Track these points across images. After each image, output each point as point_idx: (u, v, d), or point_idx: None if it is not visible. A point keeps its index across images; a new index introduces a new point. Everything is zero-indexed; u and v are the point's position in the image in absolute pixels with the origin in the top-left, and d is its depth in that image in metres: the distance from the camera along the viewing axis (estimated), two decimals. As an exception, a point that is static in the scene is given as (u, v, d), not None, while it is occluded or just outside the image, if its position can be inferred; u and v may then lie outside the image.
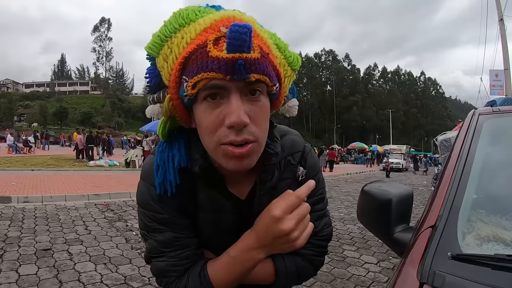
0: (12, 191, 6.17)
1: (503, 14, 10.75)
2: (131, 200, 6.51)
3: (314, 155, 0.73)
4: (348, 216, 6.02)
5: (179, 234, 0.63)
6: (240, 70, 0.47)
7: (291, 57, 0.60)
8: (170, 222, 0.63)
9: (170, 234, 0.63)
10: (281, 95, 0.58)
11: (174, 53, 0.52)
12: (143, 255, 3.32)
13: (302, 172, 0.69)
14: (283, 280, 0.66)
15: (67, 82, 79.70)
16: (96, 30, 75.22)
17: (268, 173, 0.63)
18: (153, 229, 0.63)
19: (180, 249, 0.63)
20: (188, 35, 0.52)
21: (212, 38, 0.49)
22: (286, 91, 0.61)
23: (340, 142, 64.69)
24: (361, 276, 3.15)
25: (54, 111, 53.67)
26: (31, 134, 22.34)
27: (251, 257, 0.60)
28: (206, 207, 0.64)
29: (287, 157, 0.68)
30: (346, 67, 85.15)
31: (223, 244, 0.65)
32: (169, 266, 0.63)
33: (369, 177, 16.25)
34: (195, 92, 0.50)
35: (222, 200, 0.63)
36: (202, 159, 0.59)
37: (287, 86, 0.61)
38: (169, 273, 0.63)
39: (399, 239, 0.84)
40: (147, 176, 0.64)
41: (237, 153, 0.51)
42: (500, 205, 0.84)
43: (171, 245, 0.63)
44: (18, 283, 2.61)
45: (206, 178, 0.61)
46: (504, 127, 1.17)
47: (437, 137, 4.35)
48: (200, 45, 0.49)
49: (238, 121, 0.49)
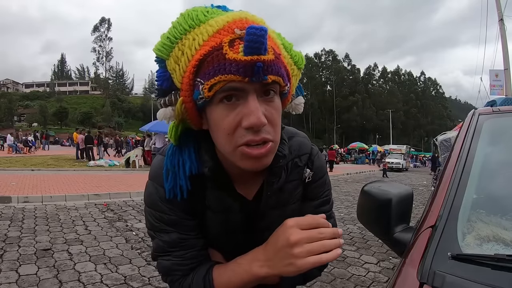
0: (12, 191, 6.16)
1: (503, 14, 10.75)
2: (131, 200, 6.51)
3: (321, 158, 0.74)
4: (348, 216, 6.02)
5: (185, 235, 0.64)
6: (258, 72, 0.47)
7: (296, 56, 0.61)
8: (177, 223, 0.63)
9: (176, 235, 0.63)
10: (290, 94, 0.59)
11: (186, 55, 0.52)
12: (146, 254, 3.31)
13: (309, 174, 0.70)
14: (289, 280, 0.65)
15: (67, 82, 79.69)
16: (96, 30, 75.24)
17: (275, 175, 0.63)
18: (159, 229, 0.64)
19: (186, 249, 0.64)
20: (200, 37, 0.51)
21: (227, 40, 0.49)
22: (293, 89, 0.62)
23: (340, 142, 64.70)
24: (361, 276, 3.15)
25: (54, 111, 53.70)
26: (30, 134, 22.30)
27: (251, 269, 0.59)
28: (214, 207, 0.65)
29: (295, 159, 0.68)
30: (346, 67, 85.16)
31: (230, 242, 0.67)
32: (174, 265, 0.63)
33: (369, 177, 16.25)
34: (211, 94, 0.50)
35: (230, 200, 0.64)
36: (212, 161, 0.60)
37: (294, 84, 0.62)
38: (174, 271, 0.64)
39: (399, 239, 0.84)
40: (155, 176, 0.64)
41: (256, 154, 0.52)
42: (500, 205, 0.84)
43: (176, 246, 0.63)
44: (18, 283, 2.61)
45: (215, 179, 0.62)
46: (504, 127, 1.17)
47: (437, 137, 4.35)
48: (215, 47, 0.49)
49: (257, 122, 0.49)
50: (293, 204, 0.70)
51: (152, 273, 2.97)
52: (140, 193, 6.96)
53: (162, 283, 2.78)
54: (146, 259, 3.30)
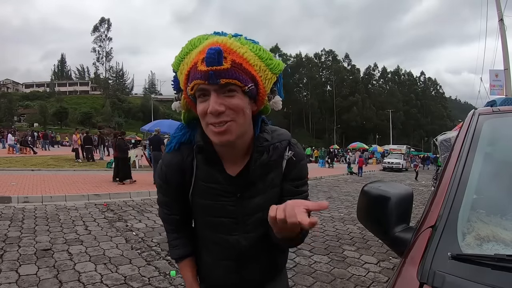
0: (12, 191, 6.17)
1: (503, 14, 10.75)
2: (131, 200, 6.51)
3: (299, 146, 0.92)
4: (348, 216, 6.02)
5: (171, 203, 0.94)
6: (212, 77, 0.70)
7: (272, 64, 0.78)
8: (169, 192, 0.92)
9: (164, 198, 0.94)
10: (261, 93, 0.77)
11: (184, 68, 0.77)
12: (146, 254, 3.31)
13: (290, 154, 0.88)
14: (305, 233, 0.80)
15: (67, 82, 79.51)
16: (96, 30, 75.10)
17: (259, 153, 0.84)
18: (159, 186, 0.94)
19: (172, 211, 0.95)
20: (192, 56, 0.76)
21: (201, 58, 0.71)
22: (267, 90, 0.79)
23: (340, 142, 64.60)
24: (361, 276, 3.15)
25: (54, 111, 53.56)
26: (28, 134, 22.23)
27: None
28: (203, 178, 0.86)
29: (276, 143, 0.87)
30: (346, 67, 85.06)
31: (219, 209, 0.86)
32: (163, 211, 0.97)
33: (369, 177, 16.25)
34: (193, 92, 0.75)
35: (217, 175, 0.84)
36: (202, 141, 0.82)
37: (268, 86, 0.79)
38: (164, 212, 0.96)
39: (399, 239, 0.84)
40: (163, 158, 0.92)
41: (217, 131, 0.74)
42: (500, 205, 0.85)
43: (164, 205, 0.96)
44: (18, 283, 2.61)
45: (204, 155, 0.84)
46: (504, 127, 1.17)
47: (437, 137, 4.35)
48: (195, 63, 0.73)
49: (213, 110, 0.72)
50: (275, 178, 0.87)
51: (152, 273, 2.97)
52: (140, 193, 6.97)
53: (162, 283, 2.78)
54: (146, 259, 3.30)
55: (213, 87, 0.71)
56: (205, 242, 0.94)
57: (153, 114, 49.21)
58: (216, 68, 0.69)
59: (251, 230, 0.88)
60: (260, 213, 0.85)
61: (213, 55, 0.68)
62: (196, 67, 0.71)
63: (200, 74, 0.70)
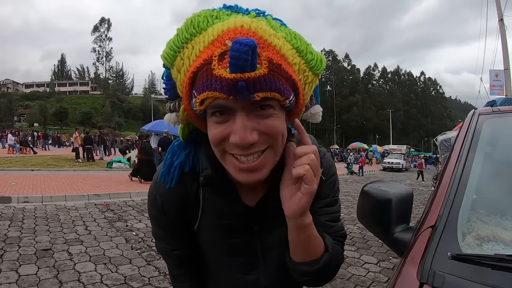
0: (12, 191, 6.17)
1: (503, 14, 10.75)
2: (131, 200, 6.51)
3: (329, 158, 0.72)
4: (348, 216, 6.02)
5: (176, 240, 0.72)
6: (242, 91, 0.45)
7: (313, 60, 0.55)
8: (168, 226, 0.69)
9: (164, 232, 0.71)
10: (299, 103, 0.54)
11: (185, 66, 0.51)
12: (146, 254, 3.30)
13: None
14: (329, 256, 0.64)
15: (67, 82, 79.59)
16: (96, 30, 75.16)
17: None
18: (153, 217, 0.71)
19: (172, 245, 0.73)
20: (197, 47, 0.50)
21: (217, 53, 0.46)
22: (307, 98, 0.57)
23: (340, 142, 64.71)
24: (361, 276, 3.15)
25: (54, 111, 53.63)
26: (28, 134, 22.24)
27: None
28: (212, 211, 0.65)
29: None
30: (346, 67, 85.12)
31: (228, 246, 0.67)
32: (164, 246, 0.73)
33: (369, 177, 16.25)
34: (203, 108, 0.49)
35: (231, 208, 0.64)
36: (211, 168, 0.60)
37: (308, 93, 0.56)
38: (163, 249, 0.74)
39: (399, 239, 0.84)
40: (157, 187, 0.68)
41: (245, 167, 0.51)
42: (500, 205, 0.84)
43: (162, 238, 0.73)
44: (18, 283, 2.61)
45: (217, 186, 0.62)
46: (504, 127, 1.17)
47: (437, 137, 4.35)
48: (207, 61, 0.47)
49: (241, 143, 0.48)
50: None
51: (152, 273, 2.97)
52: (140, 193, 6.96)
53: (162, 283, 2.78)
54: (146, 259, 3.30)
55: (240, 103, 0.47)
56: (217, 281, 0.74)
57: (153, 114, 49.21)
58: (248, 76, 0.44)
59: (272, 268, 0.69)
60: (282, 247, 0.65)
61: (244, 54, 0.42)
62: (210, 70, 0.46)
63: (220, 84, 0.45)
